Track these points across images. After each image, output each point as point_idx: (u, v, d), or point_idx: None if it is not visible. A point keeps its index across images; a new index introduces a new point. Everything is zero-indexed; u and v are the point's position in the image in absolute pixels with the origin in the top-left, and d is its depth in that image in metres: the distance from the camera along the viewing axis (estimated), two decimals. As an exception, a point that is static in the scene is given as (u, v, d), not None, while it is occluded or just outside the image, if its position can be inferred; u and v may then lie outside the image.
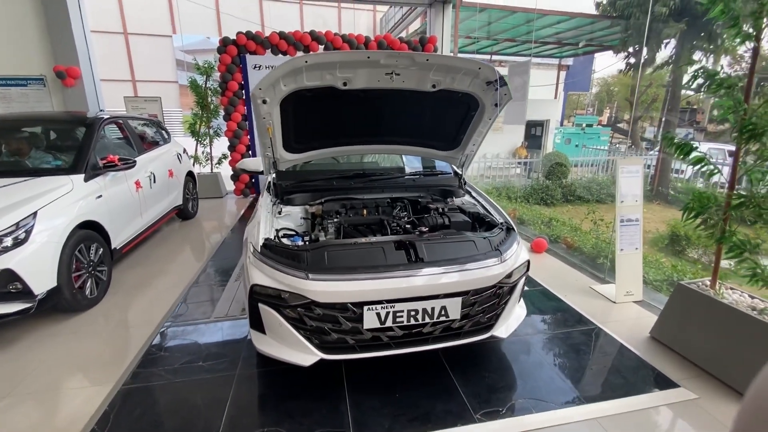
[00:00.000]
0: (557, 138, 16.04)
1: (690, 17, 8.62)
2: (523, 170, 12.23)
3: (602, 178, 10.76)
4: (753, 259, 2.31)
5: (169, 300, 3.34)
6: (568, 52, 14.31)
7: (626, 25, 9.65)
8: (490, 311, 2.25)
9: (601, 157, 12.94)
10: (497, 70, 2.24)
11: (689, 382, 2.38)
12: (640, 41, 9.54)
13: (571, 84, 18.80)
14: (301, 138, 2.69)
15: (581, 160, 12.21)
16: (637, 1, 8.88)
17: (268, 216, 2.50)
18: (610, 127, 19.11)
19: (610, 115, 30.90)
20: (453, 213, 2.68)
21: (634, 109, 15.79)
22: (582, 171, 12.01)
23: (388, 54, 2.07)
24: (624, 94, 25.30)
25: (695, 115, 18.70)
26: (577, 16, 9.50)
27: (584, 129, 16.81)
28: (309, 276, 1.93)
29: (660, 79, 17.14)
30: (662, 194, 9.90)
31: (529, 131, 14.82)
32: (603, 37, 11.84)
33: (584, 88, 21.32)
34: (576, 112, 28.31)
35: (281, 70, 2.05)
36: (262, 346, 2.13)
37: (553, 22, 10.04)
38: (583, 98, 31.16)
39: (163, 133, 5.52)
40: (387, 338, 2.08)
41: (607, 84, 30.01)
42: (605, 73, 26.31)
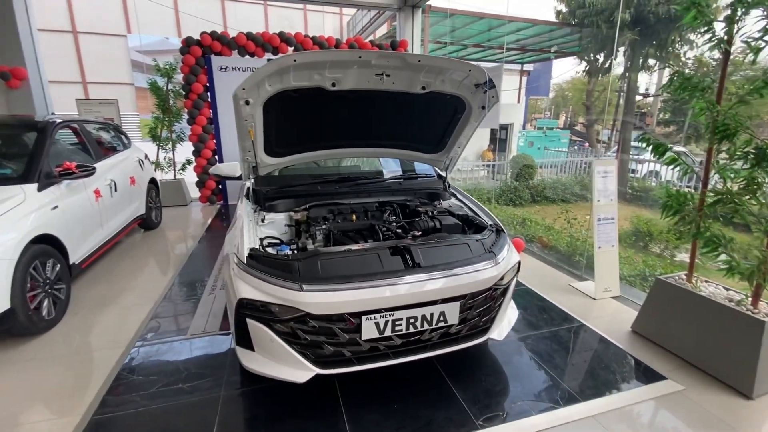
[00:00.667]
0: (521, 141, 16.59)
1: (642, 26, 9.20)
2: (489, 172, 12.54)
3: (565, 179, 11.21)
4: (729, 252, 2.43)
5: (137, 318, 3.09)
6: (530, 57, 14.88)
7: (585, 33, 10.16)
8: (486, 314, 2.22)
9: (563, 158, 13.50)
10: (486, 73, 2.23)
11: (674, 373, 2.46)
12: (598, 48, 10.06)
13: (531, 89, 19.56)
14: (284, 141, 2.56)
15: (545, 161, 12.67)
16: (595, 11, 9.39)
17: (251, 224, 2.35)
18: (569, 130, 20.01)
19: (566, 119, 32.47)
20: (443, 216, 2.65)
21: (587, 113, 16.65)
22: (546, 172, 12.47)
23: (380, 54, 2.00)
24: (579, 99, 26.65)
25: (645, 118, 19.93)
26: (539, 24, 9.89)
27: (545, 132, 17.51)
28: (303, 287, 1.82)
29: (613, 84, 18.18)
30: (621, 193, 10.42)
31: (495, 134, 15.23)
32: (563, 44, 12.40)
33: (544, 93, 22.25)
34: (534, 116, 29.51)
35: (267, 69, 1.93)
36: (251, 364, 1.99)
37: (517, 29, 10.38)
38: (541, 103, 32.55)
39: (123, 138, 5.16)
40: (385, 348, 2.00)
41: (563, 89, 31.54)
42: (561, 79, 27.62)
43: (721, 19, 2.24)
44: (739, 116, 2.31)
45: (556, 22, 10.83)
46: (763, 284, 2.26)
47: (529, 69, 17.73)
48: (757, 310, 2.33)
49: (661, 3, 7.87)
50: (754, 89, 2.26)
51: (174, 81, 6.91)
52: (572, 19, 10.24)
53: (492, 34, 10.68)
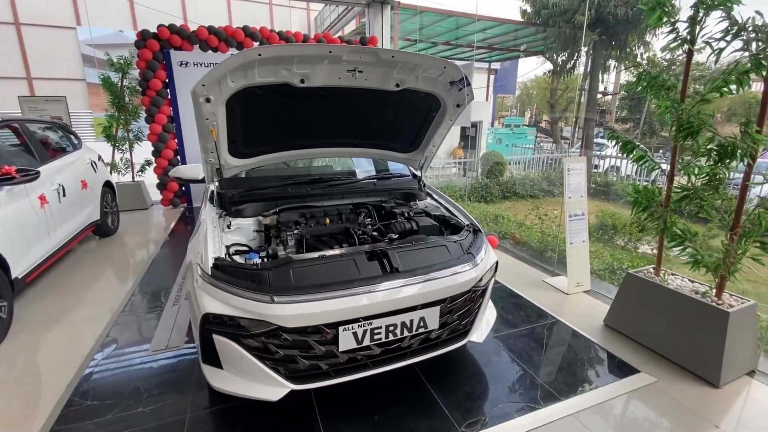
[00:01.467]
0: (490, 138, 16.90)
1: (603, 27, 9.56)
2: (460, 170, 12.68)
3: (533, 175, 11.49)
4: (694, 246, 2.51)
5: (92, 334, 2.84)
6: (498, 56, 15.14)
7: (550, 33, 10.44)
8: (466, 317, 2.18)
9: (530, 155, 13.85)
10: (462, 70, 2.17)
11: (646, 366, 2.52)
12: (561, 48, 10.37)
13: (499, 87, 19.97)
14: (250, 141, 2.41)
15: (513, 158, 12.95)
16: (558, 11, 9.65)
17: (216, 231, 2.19)
18: (534, 127, 20.60)
19: (531, 116, 33.50)
20: (420, 217, 2.58)
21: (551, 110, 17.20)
22: (514, 169, 12.75)
23: (352, 49, 1.90)
24: (544, 97, 27.52)
25: (605, 116, 20.79)
26: (506, 23, 10.06)
27: (513, 129, 17.93)
28: (275, 299, 1.70)
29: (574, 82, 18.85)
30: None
31: (465, 132, 15.42)
32: (529, 43, 12.69)
33: (511, 91, 22.79)
34: (502, 113, 30.22)
35: (230, 63, 1.79)
36: (219, 383, 1.84)
37: (485, 27, 10.51)
38: (507, 101, 33.41)
39: (72, 138, 4.77)
40: (364, 358, 1.91)
41: (528, 87, 32.49)
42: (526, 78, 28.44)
43: (684, 19, 2.29)
44: (702, 114, 2.38)
45: (522, 21, 11.06)
46: (727, 276, 2.34)
47: (497, 67, 18.07)
48: (721, 301, 2.41)
49: (620, 5, 8.20)
50: (715, 88, 2.33)
51: (129, 77, 6.49)
52: (537, 18, 10.50)
53: (460, 32, 10.76)
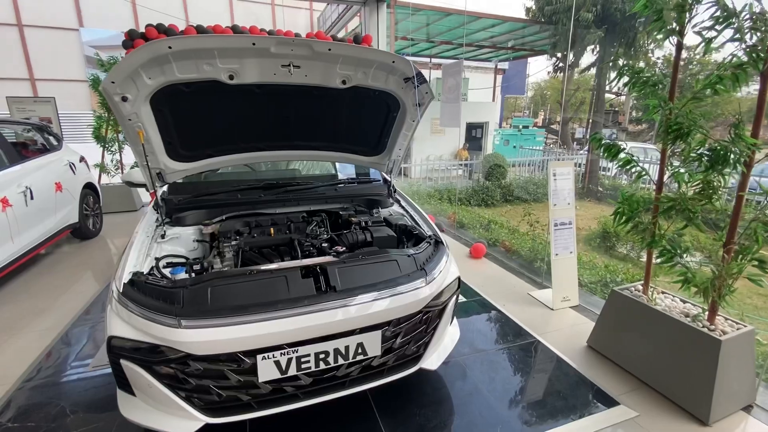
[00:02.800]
0: (496, 139, 16.54)
1: (609, 24, 9.16)
2: (465, 171, 12.37)
3: (538, 178, 11.13)
4: (684, 263, 2.23)
5: (38, 347, 2.70)
6: (503, 55, 14.78)
7: (554, 31, 10.08)
8: (417, 340, 1.94)
9: (537, 157, 13.47)
10: (414, 66, 1.95)
11: (628, 396, 2.25)
12: (566, 46, 10.00)
13: (507, 87, 19.56)
14: (189, 143, 2.23)
15: (519, 160, 12.59)
16: (562, 8, 9.29)
17: (146, 241, 2.01)
18: (544, 128, 20.13)
19: (545, 117, 32.85)
20: (377, 227, 2.35)
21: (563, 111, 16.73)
22: (520, 171, 12.40)
23: (280, 41, 1.70)
24: (556, 97, 26.95)
25: (618, 117, 20.21)
26: (509, 20, 9.74)
27: (521, 130, 17.53)
28: (182, 322, 1.50)
29: (586, 82, 18.34)
30: (593, 192, 10.42)
31: (470, 133, 15.11)
32: (534, 42, 12.33)
33: (520, 92, 22.33)
34: (513, 114, 29.70)
35: (138, 57, 1.61)
36: (129, 413, 1.66)
37: (487, 25, 10.21)
38: (520, 101, 32.84)
39: (51, 140, 4.69)
40: (292, 388, 1.70)
41: (541, 87, 31.87)
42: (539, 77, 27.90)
43: (672, 7, 2.02)
44: (693, 114, 2.11)
45: (525, 19, 10.72)
46: (717, 301, 2.06)
47: (504, 67, 17.69)
48: (713, 327, 2.13)
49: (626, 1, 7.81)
50: (708, 84, 2.05)
51: (119, 77, 6.41)
52: (540, 16, 10.15)
53: (461, 30, 10.48)
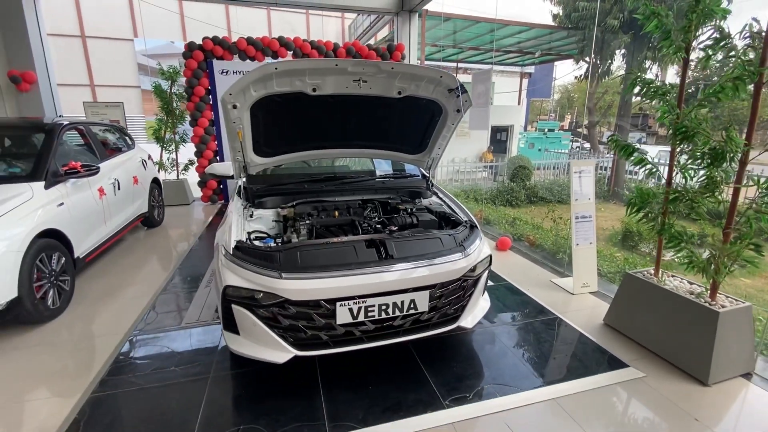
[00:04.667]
0: (521, 142, 16.69)
1: (637, 29, 9.30)
2: (490, 174, 12.66)
3: (563, 180, 11.30)
4: (689, 248, 2.57)
5: (136, 309, 3.28)
6: (529, 60, 14.99)
7: (581, 36, 10.28)
8: (456, 303, 2.38)
9: (563, 160, 13.58)
10: (457, 79, 2.40)
11: (638, 362, 2.60)
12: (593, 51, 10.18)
13: (533, 91, 19.67)
14: (272, 142, 2.75)
15: (544, 162, 12.77)
16: (589, 14, 9.50)
17: (240, 219, 2.53)
18: (570, 131, 20.05)
19: (572, 121, 32.48)
20: (421, 213, 2.81)
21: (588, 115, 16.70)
22: (545, 173, 12.57)
23: (356, 62, 2.18)
24: (583, 101, 26.68)
25: (647, 120, 19.90)
26: (536, 27, 10.03)
27: (546, 133, 17.60)
28: (282, 275, 2.00)
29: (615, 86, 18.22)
30: (618, 194, 10.52)
31: (495, 136, 15.35)
32: (561, 47, 12.52)
33: (546, 95, 22.33)
34: (540, 117, 29.57)
35: (251, 76, 2.12)
36: (236, 346, 2.17)
37: (515, 32, 10.53)
38: (546, 104, 32.59)
39: (127, 140, 5.38)
40: (359, 333, 2.17)
41: (568, 91, 31.56)
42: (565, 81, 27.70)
43: (679, 28, 2.38)
44: (698, 119, 2.46)
45: (552, 25, 10.95)
46: (715, 278, 2.40)
47: (530, 71, 17.84)
48: (714, 302, 2.46)
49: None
50: (711, 93, 2.40)
51: (177, 84, 7.15)
52: (567, 22, 10.36)
53: (489, 36, 10.82)
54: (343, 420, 2.04)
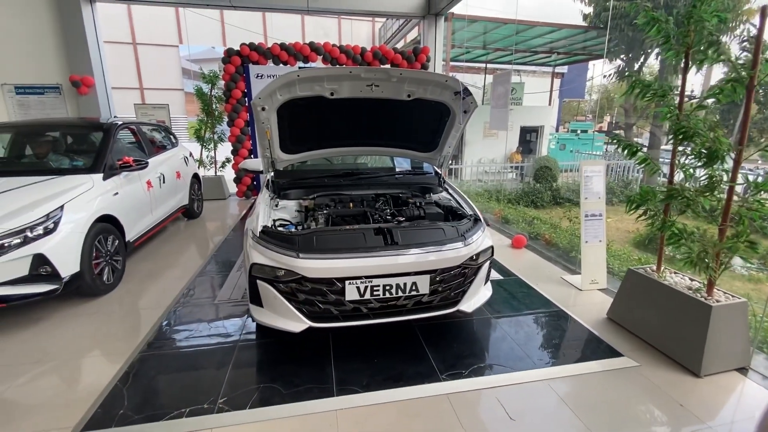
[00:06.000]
0: (552, 143, 16.41)
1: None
2: (517, 175, 12.60)
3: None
4: (688, 245, 2.66)
5: (176, 288, 3.71)
6: (561, 60, 14.76)
7: (612, 36, 10.08)
8: (457, 288, 2.60)
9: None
10: (461, 82, 2.62)
11: (633, 353, 2.72)
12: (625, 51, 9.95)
13: (566, 91, 19.24)
14: (296, 140, 3.07)
15: (573, 164, 12.56)
16: (621, 13, 9.32)
17: (266, 208, 2.87)
18: (604, 132, 19.44)
19: (611, 121, 31.28)
20: (429, 206, 3.05)
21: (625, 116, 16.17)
22: (573, 175, 12.36)
23: (367, 69, 2.46)
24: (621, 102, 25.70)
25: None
26: (565, 27, 9.94)
27: (578, 135, 17.18)
28: (300, 255, 2.30)
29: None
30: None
31: (524, 137, 15.21)
32: (592, 47, 12.28)
33: (579, 95, 21.75)
34: (576, 118, 28.71)
35: (277, 82, 2.44)
36: (260, 316, 2.49)
37: (543, 32, 10.47)
38: (584, 105, 31.58)
39: (171, 138, 5.92)
40: (366, 309, 2.44)
41: (608, 91, 30.42)
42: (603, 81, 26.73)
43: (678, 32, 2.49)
44: (696, 119, 2.55)
45: (582, 25, 10.79)
46: (712, 275, 2.48)
47: (563, 71, 17.49)
48: (710, 297, 2.54)
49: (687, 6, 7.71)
50: (710, 94, 2.49)
51: (217, 87, 7.70)
52: (598, 22, 10.19)
53: (517, 38, 10.82)
54: (348, 385, 2.32)
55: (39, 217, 2.94)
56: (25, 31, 6.59)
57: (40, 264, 2.92)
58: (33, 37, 6.64)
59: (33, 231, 2.90)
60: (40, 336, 2.89)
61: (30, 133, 4.31)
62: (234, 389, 2.29)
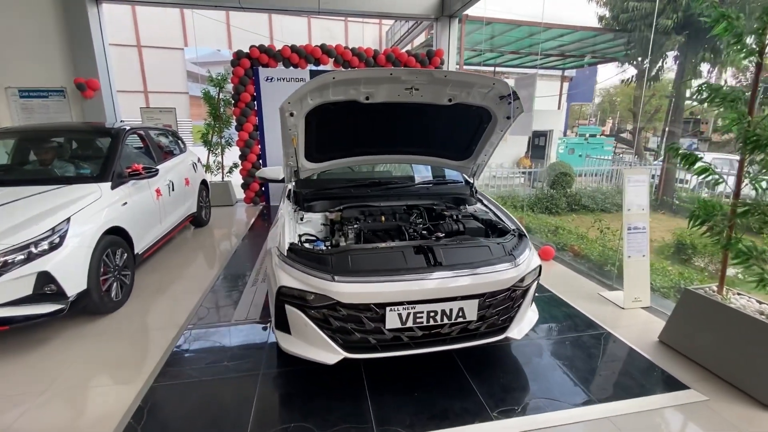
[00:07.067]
0: (560, 148, 16.15)
1: (692, 30, 8.81)
2: (527, 180, 12.34)
3: (606, 188, 10.84)
4: (759, 265, 2.40)
5: (189, 304, 3.45)
6: (571, 63, 14.54)
7: (630, 38, 9.86)
8: (505, 313, 2.34)
9: (606, 166, 13.03)
10: (510, 86, 2.37)
11: (699, 384, 2.45)
12: (643, 54, 9.72)
13: (573, 95, 19.04)
14: (322, 148, 2.83)
15: (586, 169, 12.30)
16: (639, 15, 9.10)
17: (291, 222, 2.62)
18: (613, 137, 19.22)
19: (613, 126, 31.15)
20: (467, 220, 2.79)
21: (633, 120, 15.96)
22: (586, 181, 12.10)
23: (409, 71, 2.21)
24: (626, 105, 25.52)
25: (699, 126, 18.79)
26: (581, 30, 9.72)
27: (587, 139, 16.95)
28: (335, 278, 2.05)
29: (662, 89, 17.32)
30: (667, 204, 9.96)
31: (533, 141, 14.96)
32: (606, 50, 12.06)
33: (587, 99, 21.55)
34: (578, 122, 28.53)
35: (309, 86, 2.20)
36: (288, 345, 2.24)
37: (557, 35, 10.25)
38: (586, 108, 31.43)
39: (179, 143, 5.69)
40: (407, 338, 2.18)
41: (610, 95, 30.29)
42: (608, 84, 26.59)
43: (751, 30, 2.25)
44: (770, 127, 2.30)
45: (596, 27, 10.58)
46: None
47: (571, 75, 17.29)
48: (788, 324, 2.28)
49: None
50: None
51: (225, 90, 7.48)
52: (615, 24, 9.97)
53: (531, 40, 10.61)
54: (390, 424, 2.06)
55: (44, 231, 2.69)
56: (29, 33, 6.37)
57: (45, 282, 2.67)
58: (37, 38, 6.43)
59: (38, 246, 2.65)
60: (45, 361, 2.64)
61: (34, 138, 4.07)
62: (263, 428, 2.03)
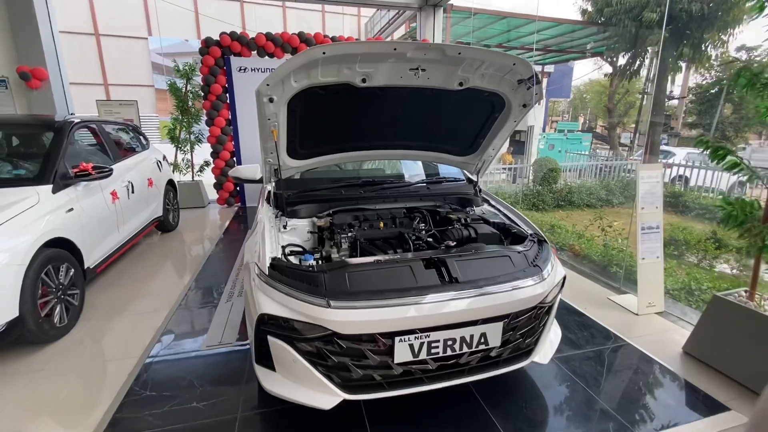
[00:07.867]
0: (541, 144, 16.18)
1: (674, 25, 8.80)
2: (509, 176, 12.20)
3: (590, 183, 10.80)
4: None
5: (151, 326, 2.96)
6: (552, 58, 14.49)
7: (613, 33, 9.80)
8: (530, 335, 2.00)
9: (585, 162, 13.06)
10: (533, 67, 2.02)
11: (737, 403, 2.20)
12: (626, 48, 9.69)
13: (552, 91, 19.12)
14: (308, 142, 2.39)
15: (568, 165, 12.28)
16: (623, 9, 9.03)
17: (272, 231, 2.18)
18: (590, 132, 19.49)
19: (584, 121, 31.82)
20: (478, 224, 2.43)
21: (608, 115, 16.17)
22: (567, 176, 12.07)
23: (417, 46, 1.81)
24: (599, 101, 26.01)
25: (669, 120, 19.28)
26: (564, 23, 9.58)
27: (566, 135, 17.06)
28: (330, 303, 1.64)
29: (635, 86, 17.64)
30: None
31: (513, 137, 14.87)
32: (586, 45, 12.01)
33: (565, 95, 21.71)
34: (553, 118, 28.92)
35: (294, 62, 1.76)
36: (271, 386, 1.81)
37: (540, 28, 10.08)
38: (558, 105, 31.95)
39: (141, 139, 5.09)
40: (419, 372, 1.80)
41: (581, 91, 30.88)
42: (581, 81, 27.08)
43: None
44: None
45: (582, 21, 10.49)
46: None
47: (550, 71, 17.30)
48: (839, 336, 2.05)
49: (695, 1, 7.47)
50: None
51: (193, 82, 6.87)
52: (599, 17, 9.89)
53: (514, 33, 10.40)
54: (402, 481, 1.68)
55: (-44, 248, 2.15)
56: (-39, 16, 5.59)
57: (-40, 312, 2.13)
58: (-28, 22, 5.64)
59: (-52, 268, 2.11)
60: (-40, 411, 2.11)
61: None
62: (241, 498, 1.61)
